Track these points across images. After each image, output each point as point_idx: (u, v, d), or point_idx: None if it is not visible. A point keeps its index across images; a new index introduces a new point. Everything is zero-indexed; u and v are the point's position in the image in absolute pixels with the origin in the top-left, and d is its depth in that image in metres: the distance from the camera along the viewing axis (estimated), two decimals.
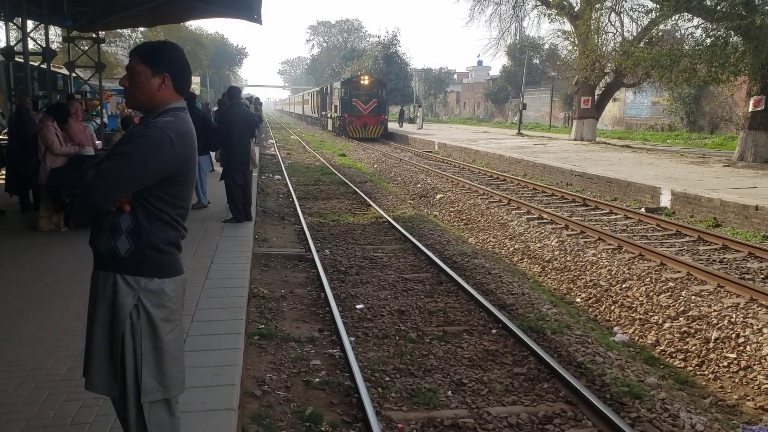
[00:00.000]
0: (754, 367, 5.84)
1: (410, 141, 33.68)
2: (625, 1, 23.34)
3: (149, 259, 2.51)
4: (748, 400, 5.48)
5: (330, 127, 43.64)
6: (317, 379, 5.13)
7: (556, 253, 9.78)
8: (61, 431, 3.35)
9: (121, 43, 38.73)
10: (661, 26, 21.50)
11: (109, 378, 2.55)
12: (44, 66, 15.74)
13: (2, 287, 5.92)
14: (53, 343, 4.55)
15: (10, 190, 9.82)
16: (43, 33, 16.43)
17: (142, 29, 36.82)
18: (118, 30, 34.51)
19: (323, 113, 48.29)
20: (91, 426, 3.38)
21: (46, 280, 6.08)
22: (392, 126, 43.24)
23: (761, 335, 6.20)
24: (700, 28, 18.27)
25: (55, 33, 22.95)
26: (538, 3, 28.54)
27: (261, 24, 14.90)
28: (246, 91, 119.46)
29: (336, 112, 40.03)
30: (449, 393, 5.03)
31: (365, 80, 37.83)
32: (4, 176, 10.83)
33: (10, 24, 15.40)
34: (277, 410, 4.54)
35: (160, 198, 2.51)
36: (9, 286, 5.95)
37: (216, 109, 17.16)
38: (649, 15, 20.34)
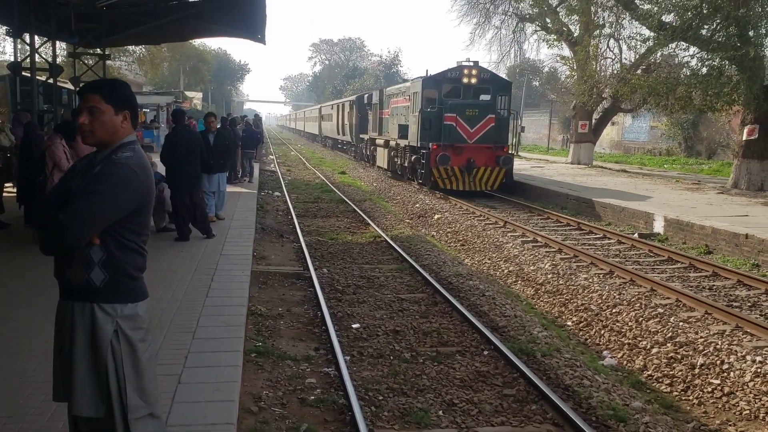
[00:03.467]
0: (737, 393, 6.02)
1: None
2: (624, 29, 23.70)
3: (123, 287, 2.70)
4: (730, 425, 5.65)
5: (385, 164, 24.96)
6: (312, 397, 5.29)
7: (549, 276, 9.97)
8: None
9: (125, 58, 39.11)
10: (659, 53, 21.89)
11: (95, 400, 2.70)
12: (50, 81, 16.01)
13: (10, 300, 6.11)
14: None
15: (20, 201, 10.11)
16: (49, 48, 16.73)
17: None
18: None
19: (364, 137, 30.03)
20: None
21: (52, 294, 6.23)
22: None
23: (745, 362, 6.38)
24: (696, 58, 18.63)
25: (61, 47, 23.29)
26: (538, 28, 28.99)
27: (265, 44, 15.25)
28: (247, 106, 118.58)
29: (405, 138, 21.41)
30: (440, 413, 5.20)
31: (472, 76, 19.57)
32: (8, 189, 11.05)
33: (18, 39, 15.70)
34: (273, 426, 4.71)
35: (129, 228, 2.70)
36: (16, 299, 6.14)
37: (219, 126, 17.37)
38: (647, 43, 20.70)
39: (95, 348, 2.66)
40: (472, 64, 19.94)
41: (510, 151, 19.66)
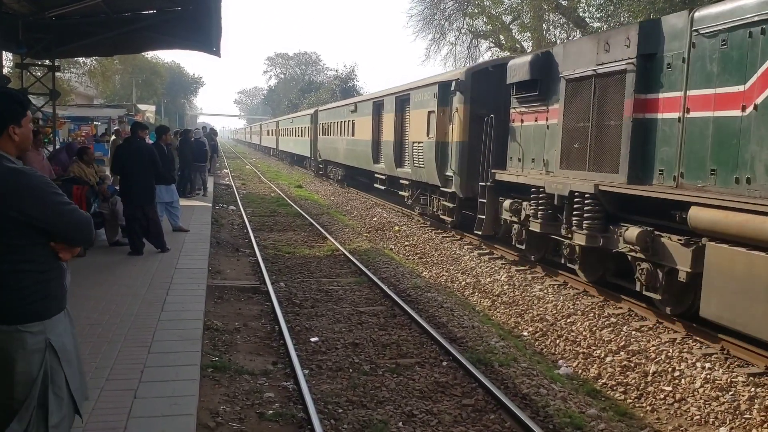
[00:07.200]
0: (688, 399, 6.18)
1: None
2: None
3: None
4: (682, 430, 5.79)
5: None
6: (271, 411, 5.23)
7: (505, 287, 10.09)
8: None
9: (76, 70, 38.22)
10: None
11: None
12: None
13: None
14: None
15: None
16: None
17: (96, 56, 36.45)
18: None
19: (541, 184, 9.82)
20: None
21: None
22: None
23: (695, 369, 6.56)
24: None
25: (8, 58, 22.64)
26: (492, 45, 29.53)
27: (219, 57, 15.09)
28: (200, 120, 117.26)
29: None
30: (400, 424, 5.19)
31: None
32: None
33: None
34: None
35: None
36: None
37: (181, 139, 17.40)
38: None
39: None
40: None
41: None
